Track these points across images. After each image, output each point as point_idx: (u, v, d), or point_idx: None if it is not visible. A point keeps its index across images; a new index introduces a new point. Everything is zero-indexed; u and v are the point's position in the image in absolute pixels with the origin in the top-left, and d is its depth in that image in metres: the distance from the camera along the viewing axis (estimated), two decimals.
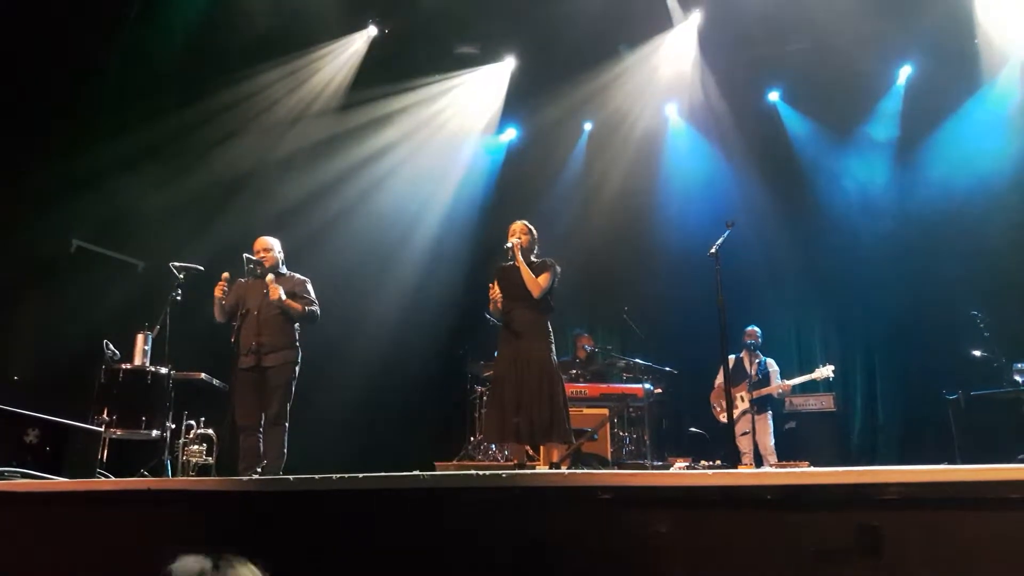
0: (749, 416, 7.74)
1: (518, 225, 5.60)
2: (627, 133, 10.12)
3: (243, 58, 8.53)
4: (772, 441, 7.99)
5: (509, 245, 5.46)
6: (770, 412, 8.12)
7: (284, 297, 5.60)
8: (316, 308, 5.86)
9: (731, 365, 8.22)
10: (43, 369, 6.91)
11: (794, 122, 9.90)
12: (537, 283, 5.35)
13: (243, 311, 5.65)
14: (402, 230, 9.83)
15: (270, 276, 5.63)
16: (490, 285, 5.53)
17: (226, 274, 5.69)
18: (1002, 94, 8.72)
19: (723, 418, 7.93)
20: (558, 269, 5.51)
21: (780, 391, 8.07)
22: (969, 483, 2.35)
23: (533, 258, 5.55)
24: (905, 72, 9.27)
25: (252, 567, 1.40)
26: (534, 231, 5.66)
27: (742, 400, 7.91)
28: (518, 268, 5.44)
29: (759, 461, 7.61)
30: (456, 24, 9.11)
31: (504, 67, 9.90)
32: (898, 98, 9.31)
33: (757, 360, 8.25)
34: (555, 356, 5.41)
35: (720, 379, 8.22)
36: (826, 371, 7.87)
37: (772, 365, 8.25)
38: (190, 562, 1.37)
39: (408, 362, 9.32)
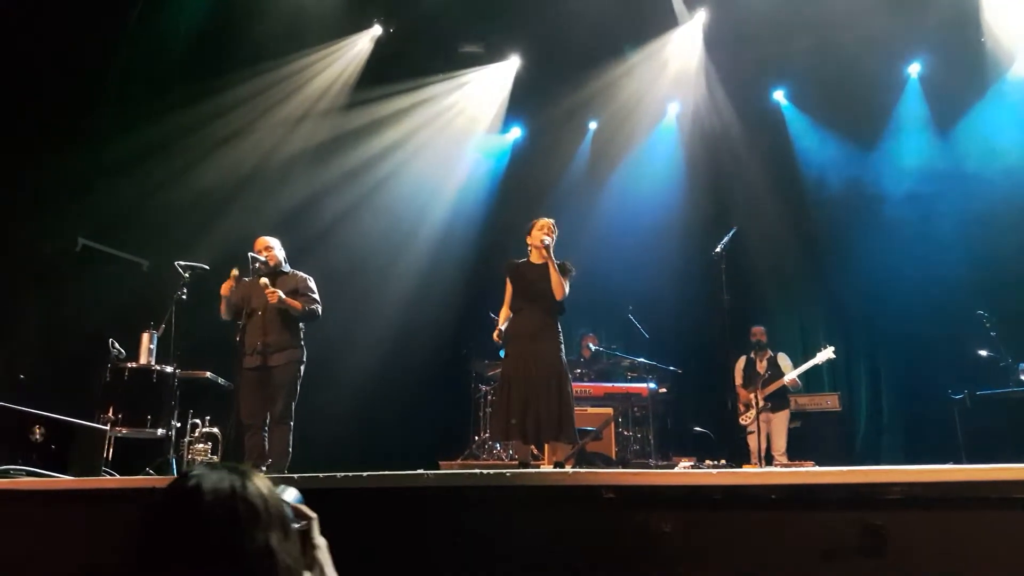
0: (764, 415, 7.71)
1: (548, 222, 5.44)
2: (632, 132, 10.11)
3: (248, 56, 8.53)
4: (785, 442, 7.93)
5: (549, 242, 5.31)
6: (787, 411, 8.06)
7: (283, 296, 5.60)
8: (318, 307, 5.87)
9: (742, 366, 8.25)
10: (49, 367, 6.92)
11: (799, 121, 9.88)
12: (563, 287, 5.27)
13: (248, 311, 5.66)
14: (407, 229, 9.82)
15: (264, 280, 5.61)
16: (506, 280, 5.44)
17: (235, 271, 5.69)
18: (1008, 94, 8.68)
19: (743, 420, 7.93)
20: (574, 273, 5.44)
21: (793, 385, 8.01)
22: (974, 483, 2.34)
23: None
24: (915, 70, 9.25)
25: (265, 479, 1.44)
26: None
27: (756, 400, 7.87)
28: (535, 266, 5.39)
29: (769, 460, 7.58)
30: (461, 23, 9.11)
31: (509, 66, 9.90)
32: (917, 98, 9.28)
33: (766, 357, 8.23)
34: (564, 356, 5.37)
35: (739, 381, 8.21)
36: (827, 353, 7.78)
37: (783, 359, 8.21)
38: (217, 478, 1.36)
39: (412, 361, 9.31)
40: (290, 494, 1.69)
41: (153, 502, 1.36)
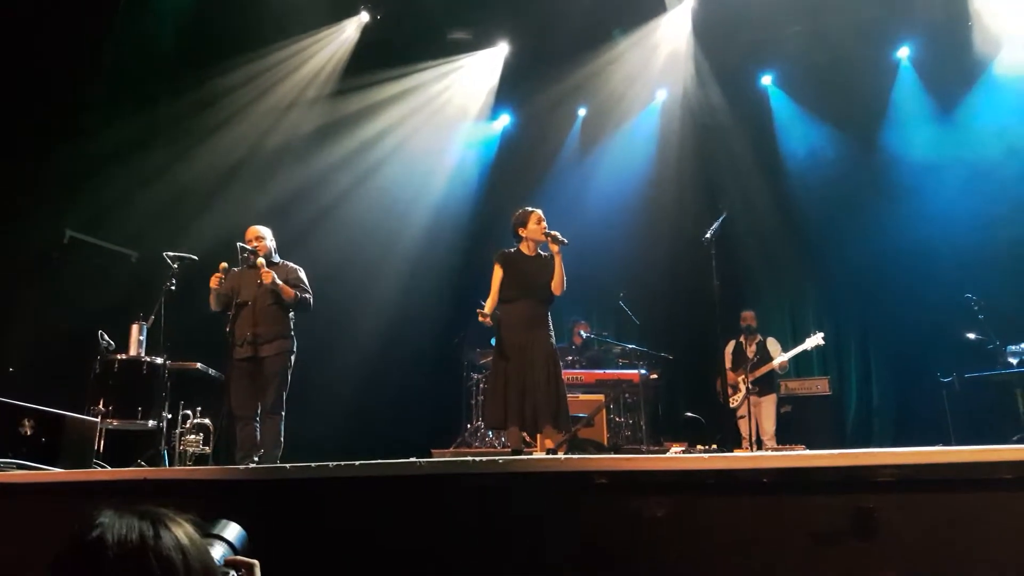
0: (751, 398, 7.76)
1: (541, 214, 5.44)
2: (621, 118, 10.09)
3: (235, 45, 8.47)
4: (774, 426, 7.99)
5: (566, 242, 5.25)
6: (774, 395, 8.12)
7: (277, 280, 5.58)
8: (309, 296, 5.85)
9: (731, 350, 8.28)
10: (38, 360, 6.87)
11: (787, 106, 9.88)
12: (564, 283, 5.33)
13: (238, 301, 5.64)
14: (397, 217, 9.79)
15: (261, 260, 5.60)
16: (495, 269, 5.41)
17: (224, 264, 5.66)
18: (997, 80, 8.69)
19: (732, 403, 7.95)
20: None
21: (779, 368, 8.05)
22: (963, 464, 2.35)
23: (540, 250, 5.51)
24: (904, 53, 9.25)
25: (186, 525, 1.23)
26: None
27: (743, 383, 7.91)
28: (529, 257, 5.43)
29: (758, 444, 7.63)
30: (449, 9, 9.06)
31: (498, 52, 9.85)
32: (907, 83, 9.29)
33: (756, 342, 8.26)
34: (555, 345, 5.45)
35: (727, 364, 8.24)
36: (816, 339, 7.82)
37: (772, 344, 8.25)
38: (124, 527, 1.16)
39: (404, 350, 9.31)
40: (232, 531, 1.49)
41: (54, 557, 1.15)
